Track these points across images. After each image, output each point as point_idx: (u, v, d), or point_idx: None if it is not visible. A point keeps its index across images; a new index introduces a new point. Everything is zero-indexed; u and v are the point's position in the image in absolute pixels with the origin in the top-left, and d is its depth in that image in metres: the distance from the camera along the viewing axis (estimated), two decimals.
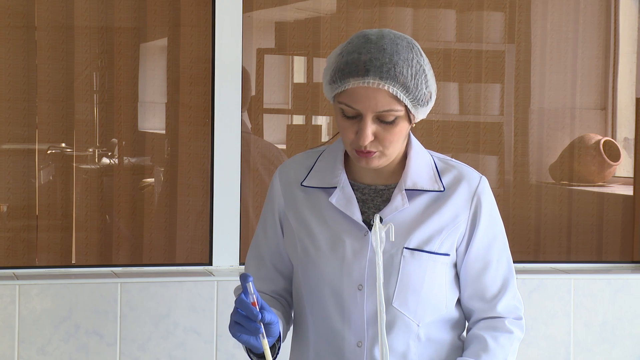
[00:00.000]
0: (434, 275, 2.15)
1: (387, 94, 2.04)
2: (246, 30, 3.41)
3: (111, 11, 3.34)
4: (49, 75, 3.31)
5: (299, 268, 2.22)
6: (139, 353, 3.13)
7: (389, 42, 2.07)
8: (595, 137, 3.78)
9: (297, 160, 2.28)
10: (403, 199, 2.15)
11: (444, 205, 2.16)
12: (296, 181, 2.23)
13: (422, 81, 2.08)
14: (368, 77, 2.03)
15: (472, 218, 2.18)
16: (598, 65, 3.78)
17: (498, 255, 2.21)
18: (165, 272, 3.27)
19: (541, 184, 3.74)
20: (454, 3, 3.64)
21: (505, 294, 2.21)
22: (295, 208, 2.22)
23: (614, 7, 3.79)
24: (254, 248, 2.31)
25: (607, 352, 3.46)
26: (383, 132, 2.08)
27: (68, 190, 3.35)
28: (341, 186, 2.17)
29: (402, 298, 2.13)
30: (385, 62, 2.04)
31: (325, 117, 3.59)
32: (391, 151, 2.11)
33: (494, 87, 3.67)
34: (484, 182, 2.20)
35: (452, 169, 2.20)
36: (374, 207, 2.18)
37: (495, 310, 2.21)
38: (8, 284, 3.06)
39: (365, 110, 2.05)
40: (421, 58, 2.09)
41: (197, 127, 3.40)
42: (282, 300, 2.29)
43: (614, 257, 3.73)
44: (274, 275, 2.28)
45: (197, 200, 3.40)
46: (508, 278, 2.22)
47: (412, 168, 2.17)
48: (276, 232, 2.27)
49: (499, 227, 2.23)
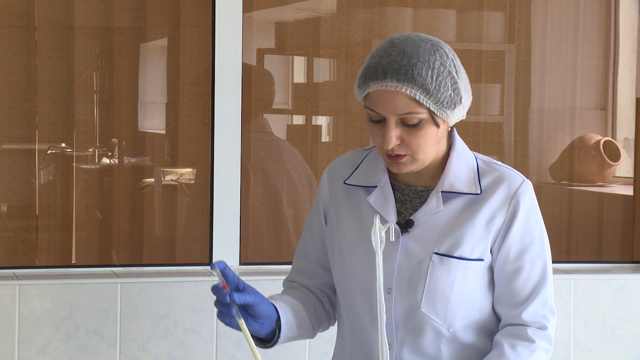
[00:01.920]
0: (464, 281, 2.12)
1: (405, 96, 2.04)
2: (246, 30, 3.41)
3: (111, 11, 3.34)
4: (49, 75, 3.31)
5: (334, 267, 2.23)
6: (139, 353, 3.13)
7: (411, 44, 2.06)
8: (596, 137, 3.78)
9: (346, 157, 2.28)
10: (438, 202, 2.13)
11: (481, 209, 2.13)
12: (341, 178, 2.24)
13: (447, 83, 2.05)
14: (386, 80, 2.03)
15: (507, 220, 2.14)
16: (598, 65, 3.78)
17: (532, 261, 2.15)
18: (165, 272, 3.27)
19: (541, 184, 3.74)
20: (454, 3, 3.63)
21: (534, 302, 2.15)
22: (337, 206, 2.23)
23: (614, 7, 3.79)
24: (301, 244, 2.33)
25: (607, 352, 3.46)
26: (408, 135, 2.06)
27: (68, 190, 3.35)
28: (381, 186, 2.17)
29: (430, 303, 2.12)
30: (403, 65, 2.03)
31: (325, 117, 3.59)
32: (422, 156, 2.09)
33: (494, 87, 3.67)
34: (525, 186, 2.16)
35: (493, 171, 2.17)
36: (411, 208, 2.17)
37: (520, 318, 2.16)
38: (8, 284, 3.06)
39: (387, 113, 2.05)
40: (447, 60, 2.07)
41: (197, 127, 3.40)
42: (319, 294, 2.29)
43: (614, 257, 3.72)
44: (317, 270, 2.30)
45: (197, 200, 3.40)
46: (540, 286, 2.16)
47: (451, 170, 2.15)
48: (321, 228, 2.28)
49: (538, 234, 2.17)
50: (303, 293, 2.28)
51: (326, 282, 2.30)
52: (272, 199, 3.49)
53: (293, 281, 2.33)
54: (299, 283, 2.32)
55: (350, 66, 3.55)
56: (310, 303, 2.26)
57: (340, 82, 3.56)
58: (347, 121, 3.56)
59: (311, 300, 2.27)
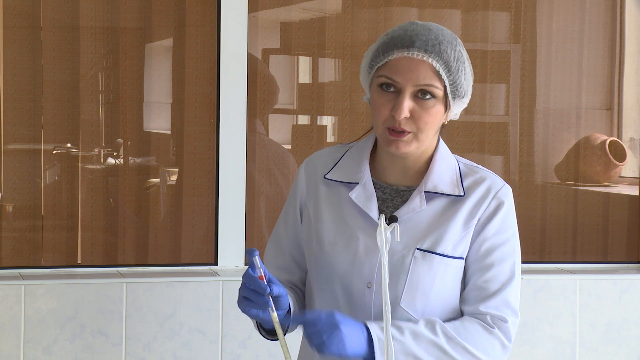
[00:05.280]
0: (444, 278, 2.14)
1: (429, 67, 2.07)
2: (251, 31, 3.41)
3: (117, 11, 3.35)
4: (55, 75, 3.31)
5: (312, 260, 2.23)
6: (144, 353, 3.14)
7: (435, 26, 2.11)
8: (601, 137, 3.78)
9: (325, 152, 2.28)
10: (421, 201, 2.14)
11: (462, 208, 2.15)
12: (321, 173, 2.24)
13: (463, 69, 2.10)
14: (413, 48, 2.06)
15: (485, 219, 2.16)
16: (604, 65, 3.77)
17: (501, 260, 2.16)
18: (171, 272, 3.27)
19: (547, 184, 3.74)
20: (460, 3, 3.63)
21: (495, 298, 2.15)
22: (316, 200, 2.23)
23: (620, 7, 3.78)
24: (274, 236, 2.32)
25: (613, 352, 3.46)
26: (419, 110, 2.08)
27: (74, 190, 3.35)
28: (363, 182, 2.18)
29: (410, 299, 2.13)
30: (431, 39, 2.07)
31: (330, 117, 3.60)
32: (424, 136, 2.10)
33: (500, 87, 3.67)
34: (505, 189, 2.18)
35: (475, 174, 2.19)
36: (392, 206, 2.17)
37: (478, 309, 2.15)
38: (14, 284, 3.07)
39: (406, 82, 2.06)
40: (463, 51, 2.12)
41: (203, 127, 3.40)
42: (297, 290, 2.29)
43: (619, 258, 3.72)
44: (291, 265, 2.29)
45: (203, 201, 3.40)
46: (505, 285, 2.16)
47: (435, 171, 2.17)
48: (296, 222, 2.27)
49: (511, 235, 2.18)
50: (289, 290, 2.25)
51: (300, 278, 2.30)
52: (277, 198, 3.50)
53: None
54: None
55: (356, 66, 3.55)
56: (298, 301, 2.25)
57: (346, 82, 3.56)
58: (352, 121, 3.56)
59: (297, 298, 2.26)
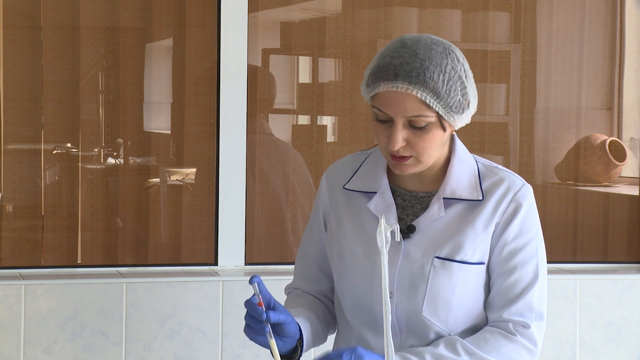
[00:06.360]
0: (465, 284, 2.12)
1: (416, 99, 2.02)
2: (252, 31, 3.41)
3: (117, 11, 3.35)
4: (55, 75, 3.31)
5: (334, 271, 2.22)
6: (144, 353, 3.14)
7: (423, 46, 2.04)
8: (601, 137, 3.78)
9: (344, 162, 2.27)
10: (440, 208, 2.12)
11: (481, 212, 2.12)
12: (340, 183, 2.22)
13: (457, 88, 2.04)
14: (397, 81, 2.01)
15: (505, 222, 2.13)
16: (604, 65, 3.77)
17: (523, 263, 2.13)
18: (171, 272, 3.27)
19: (547, 184, 3.74)
20: (460, 3, 3.63)
21: (518, 302, 2.13)
22: (337, 210, 2.22)
23: (620, 7, 3.78)
24: (302, 248, 2.32)
25: (613, 352, 3.46)
26: (415, 138, 2.05)
27: (74, 190, 3.35)
28: (381, 192, 2.16)
29: (431, 308, 2.11)
30: (416, 67, 2.01)
31: (330, 117, 3.59)
32: (426, 158, 2.08)
33: (500, 87, 3.67)
34: (525, 189, 2.16)
35: (494, 175, 2.16)
36: (412, 214, 2.16)
37: (501, 317, 2.13)
38: (14, 284, 3.07)
39: (395, 114, 2.03)
40: (457, 64, 2.06)
41: (203, 127, 3.40)
42: (325, 300, 2.29)
43: (619, 258, 3.72)
44: (318, 275, 2.29)
45: (203, 201, 3.40)
46: (527, 289, 2.13)
47: (453, 175, 2.13)
48: (321, 233, 2.27)
49: (533, 236, 2.15)
50: (309, 300, 2.27)
51: (329, 287, 2.29)
52: (277, 198, 3.50)
53: (297, 288, 2.33)
54: (302, 290, 2.31)
55: (356, 66, 3.55)
56: (320, 312, 2.25)
57: (346, 82, 3.56)
58: (353, 121, 3.56)
59: (320, 309, 2.26)
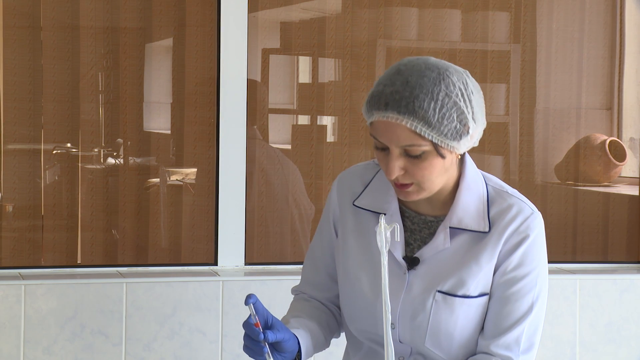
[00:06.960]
0: (467, 317, 2.09)
1: (406, 128, 1.97)
2: (251, 31, 3.41)
3: (117, 11, 3.35)
4: (55, 75, 3.31)
5: (340, 283, 2.21)
6: (144, 353, 3.14)
7: (416, 73, 1.99)
8: (601, 137, 3.78)
9: (356, 172, 2.23)
10: (445, 239, 2.09)
11: (486, 246, 2.08)
12: (350, 195, 2.20)
13: (451, 115, 1.97)
14: (387, 111, 1.97)
15: (508, 251, 2.08)
16: (604, 65, 3.77)
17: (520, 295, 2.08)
18: (171, 272, 3.27)
19: (547, 184, 3.74)
20: (460, 3, 3.63)
21: (506, 335, 2.08)
22: (344, 224, 2.20)
23: (620, 7, 3.78)
24: (310, 253, 2.29)
25: (613, 352, 3.46)
26: (412, 166, 2.01)
27: (73, 190, 3.35)
28: (390, 214, 2.13)
29: (434, 340, 2.10)
30: (405, 96, 1.96)
31: (330, 117, 3.59)
32: (428, 185, 2.04)
33: (500, 87, 3.67)
34: (532, 220, 2.09)
35: (503, 202, 2.10)
36: (420, 239, 2.13)
37: (488, 348, 2.08)
38: (14, 284, 3.07)
39: (389, 143, 2.00)
40: (453, 89, 1.98)
41: (203, 127, 3.40)
42: (332, 307, 2.28)
43: (619, 258, 3.72)
44: (326, 281, 2.27)
45: (203, 201, 3.40)
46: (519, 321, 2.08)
47: (460, 203, 2.09)
48: (331, 239, 2.25)
49: (534, 268, 2.09)
50: (314, 306, 2.26)
51: (337, 294, 2.27)
52: (277, 198, 3.49)
53: (304, 292, 2.31)
54: (309, 295, 2.30)
55: (356, 66, 3.55)
56: (323, 318, 2.24)
57: (346, 82, 3.56)
58: (352, 121, 3.56)
59: (324, 315, 2.25)
